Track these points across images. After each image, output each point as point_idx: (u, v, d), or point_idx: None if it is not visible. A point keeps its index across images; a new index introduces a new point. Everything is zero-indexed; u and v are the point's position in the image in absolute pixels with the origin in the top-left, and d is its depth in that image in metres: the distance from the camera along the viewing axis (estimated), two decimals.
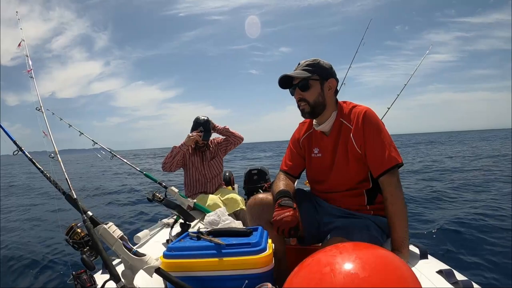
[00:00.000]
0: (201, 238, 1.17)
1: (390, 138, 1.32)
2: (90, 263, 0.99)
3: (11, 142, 1.36)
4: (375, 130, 1.31)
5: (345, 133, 1.37)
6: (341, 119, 1.39)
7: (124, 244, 1.06)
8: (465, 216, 3.68)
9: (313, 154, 1.48)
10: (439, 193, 5.10)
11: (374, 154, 1.30)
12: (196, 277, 1.06)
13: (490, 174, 6.69)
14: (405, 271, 0.62)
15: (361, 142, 1.32)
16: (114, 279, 0.97)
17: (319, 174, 1.48)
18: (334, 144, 1.40)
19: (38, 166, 1.31)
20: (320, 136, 1.46)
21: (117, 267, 1.01)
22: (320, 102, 1.36)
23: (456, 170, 8.33)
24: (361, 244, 0.71)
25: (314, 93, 1.35)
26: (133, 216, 5.37)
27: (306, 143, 1.52)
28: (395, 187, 1.27)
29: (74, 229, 1.05)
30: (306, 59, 1.38)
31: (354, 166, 1.35)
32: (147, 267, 1.01)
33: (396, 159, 1.27)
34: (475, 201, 4.35)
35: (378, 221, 1.34)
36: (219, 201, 2.45)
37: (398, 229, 1.24)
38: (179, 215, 1.94)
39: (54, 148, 1.42)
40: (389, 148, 1.28)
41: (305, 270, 0.66)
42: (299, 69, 1.36)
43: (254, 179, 3.11)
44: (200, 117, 2.72)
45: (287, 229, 1.23)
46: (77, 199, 1.19)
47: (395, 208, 1.25)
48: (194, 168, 2.71)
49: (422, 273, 1.09)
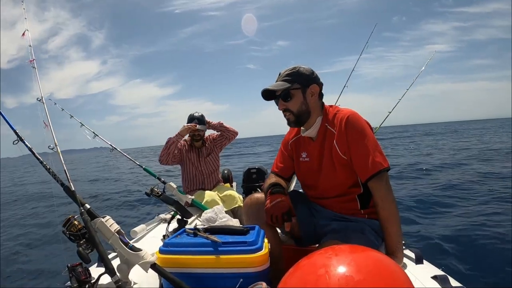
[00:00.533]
0: (197, 235, 1.17)
1: (375, 142, 1.30)
2: (86, 255, 0.99)
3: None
4: (358, 135, 1.29)
5: (329, 138, 1.36)
6: (326, 124, 1.38)
7: (120, 238, 1.06)
8: (461, 222, 3.69)
9: (301, 158, 1.49)
10: (434, 197, 5.10)
11: (359, 159, 1.28)
12: (191, 273, 1.06)
13: (487, 175, 6.66)
14: (400, 275, 0.62)
15: (345, 148, 1.30)
16: (109, 273, 0.97)
17: (308, 178, 1.48)
18: (320, 149, 1.40)
19: (38, 157, 1.31)
20: (308, 140, 1.46)
21: (112, 261, 1.02)
22: (304, 110, 1.36)
23: (454, 166, 8.26)
24: (357, 247, 0.72)
25: (297, 102, 1.35)
26: (131, 210, 5.39)
27: (294, 146, 1.53)
28: (385, 190, 1.25)
29: (71, 221, 1.05)
30: (287, 68, 1.38)
31: (341, 171, 1.34)
32: (143, 262, 1.02)
33: (381, 163, 1.25)
34: (471, 206, 4.35)
35: (373, 224, 1.33)
36: (217, 197, 2.45)
37: (391, 234, 1.23)
38: (177, 211, 1.95)
39: (54, 140, 1.43)
40: (373, 153, 1.26)
41: (300, 271, 0.66)
42: (279, 79, 1.35)
43: (253, 178, 3.11)
44: (195, 114, 2.72)
45: (280, 215, 1.25)
46: (75, 191, 1.19)
47: (386, 212, 1.24)
48: (190, 163, 2.72)
49: (416, 278, 1.09)
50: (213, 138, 2.86)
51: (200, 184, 2.72)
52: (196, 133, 2.68)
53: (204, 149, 2.79)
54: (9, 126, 1.39)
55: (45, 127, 1.50)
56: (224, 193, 2.54)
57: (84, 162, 26.12)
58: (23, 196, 8.65)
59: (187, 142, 2.78)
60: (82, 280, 0.94)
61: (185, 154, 2.73)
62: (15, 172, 22.78)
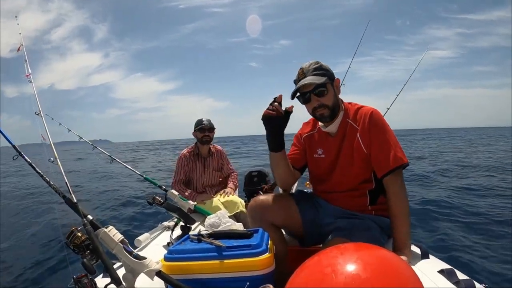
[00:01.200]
0: (202, 240, 1.17)
1: (395, 138, 1.33)
2: (91, 267, 0.99)
3: (9, 146, 1.36)
4: (381, 130, 1.32)
5: (350, 133, 1.38)
6: (347, 120, 1.40)
7: (124, 247, 1.05)
8: (466, 215, 3.68)
9: (316, 155, 1.48)
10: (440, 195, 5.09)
11: (380, 154, 1.30)
12: (197, 279, 1.05)
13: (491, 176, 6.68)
14: (406, 272, 0.62)
15: (367, 142, 1.32)
16: (115, 283, 0.97)
17: (322, 173, 1.48)
18: (339, 144, 1.40)
19: (38, 170, 1.31)
20: (325, 136, 1.46)
21: (118, 271, 1.01)
22: (336, 103, 1.36)
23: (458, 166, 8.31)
24: (363, 244, 0.71)
25: (331, 96, 1.34)
26: (133, 219, 5.36)
27: (308, 141, 1.53)
28: (399, 187, 1.28)
29: (74, 233, 1.05)
30: (308, 63, 1.35)
31: (358, 166, 1.35)
32: (148, 270, 1.01)
33: (402, 159, 1.28)
34: (476, 201, 4.35)
35: (380, 221, 1.35)
36: (219, 203, 2.45)
37: (400, 230, 1.24)
38: (180, 218, 1.94)
39: (54, 153, 1.42)
40: (395, 148, 1.29)
41: (306, 271, 0.66)
42: (309, 74, 1.31)
43: (254, 181, 3.10)
44: (203, 120, 2.67)
45: (273, 102, 1.29)
46: (77, 203, 1.19)
47: (398, 208, 1.26)
48: (195, 173, 2.71)
49: (423, 273, 1.09)
50: (221, 153, 2.85)
51: (202, 191, 2.71)
52: (206, 133, 2.66)
53: (210, 160, 2.77)
54: (9, 143, 1.38)
55: (43, 141, 1.50)
56: (225, 199, 2.53)
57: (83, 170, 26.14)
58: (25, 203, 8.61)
59: (191, 152, 2.74)
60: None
61: (191, 165, 2.70)
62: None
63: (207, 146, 2.74)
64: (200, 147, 2.72)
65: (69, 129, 2.65)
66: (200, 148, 2.73)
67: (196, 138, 2.70)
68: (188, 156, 2.71)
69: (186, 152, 2.73)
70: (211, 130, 2.67)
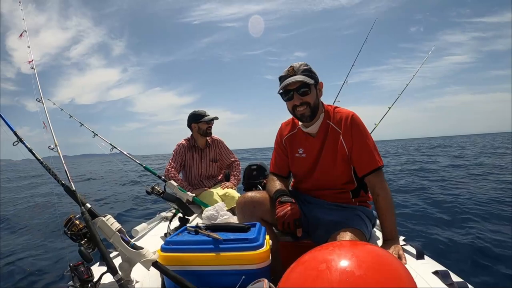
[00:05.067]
0: (199, 232, 1.18)
1: (373, 141, 1.45)
2: (88, 255, 0.99)
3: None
4: (362, 133, 1.42)
5: (332, 135, 1.45)
6: (327, 121, 1.47)
7: (122, 236, 1.06)
8: (462, 217, 3.69)
9: (297, 154, 1.55)
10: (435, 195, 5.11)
11: (361, 155, 1.40)
12: (193, 271, 1.06)
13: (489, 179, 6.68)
14: (401, 271, 0.62)
15: (350, 144, 1.41)
16: (111, 272, 0.98)
17: (303, 172, 1.55)
18: (320, 145, 1.48)
19: (39, 157, 1.31)
20: (305, 137, 1.52)
21: (114, 260, 1.02)
22: (317, 104, 1.44)
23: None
24: (358, 242, 0.72)
25: (313, 96, 1.41)
26: (132, 209, 5.39)
27: (289, 142, 1.58)
28: (384, 183, 1.39)
29: (72, 220, 1.06)
30: (299, 63, 1.40)
31: (340, 167, 1.44)
32: (145, 260, 1.02)
33: (379, 161, 1.41)
34: (474, 203, 4.35)
35: (364, 210, 1.47)
36: (217, 196, 2.45)
37: (390, 221, 1.35)
38: (178, 209, 1.95)
39: (54, 140, 1.42)
40: (374, 151, 1.41)
41: (302, 267, 0.66)
42: (299, 73, 1.38)
43: (253, 174, 3.10)
44: (204, 112, 2.68)
45: (292, 221, 1.30)
46: (75, 191, 1.19)
47: (387, 202, 1.35)
48: (192, 164, 2.71)
49: (418, 273, 1.09)
50: (218, 143, 2.84)
51: (199, 184, 2.72)
52: (212, 123, 2.69)
53: (207, 151, 2.77)
54: (10, 128, 1.38)
55: (44, 128, 1.49)
56: (223, 193, 2.53)
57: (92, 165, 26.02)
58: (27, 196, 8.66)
59: (188, 142, 2.73)
60: (84, 279, 0.94)
61: (188, 156, 2.70)
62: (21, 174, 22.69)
63: (205, 138, 2.74)
64: (198, 139, 2.72)
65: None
66: (198, 139, 2.72)
67: (197, 130, 2.68)
68: (186, 145, 2.71)
69: (184, 142, 2.74)
70: (215, 119, 2.68)
